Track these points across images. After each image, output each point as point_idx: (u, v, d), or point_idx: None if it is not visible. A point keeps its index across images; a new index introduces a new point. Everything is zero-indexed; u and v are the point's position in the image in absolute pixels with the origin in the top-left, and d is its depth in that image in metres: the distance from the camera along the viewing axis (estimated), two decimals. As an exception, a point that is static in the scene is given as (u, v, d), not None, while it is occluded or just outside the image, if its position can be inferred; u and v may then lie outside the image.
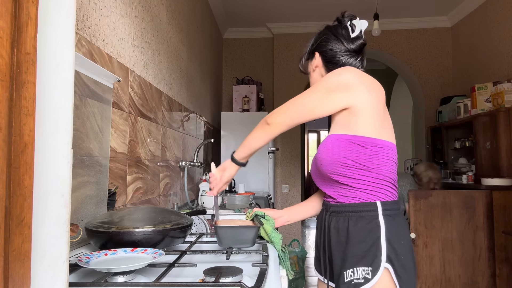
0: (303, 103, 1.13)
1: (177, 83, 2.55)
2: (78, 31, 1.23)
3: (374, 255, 1.04)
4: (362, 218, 1.09)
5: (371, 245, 1.05)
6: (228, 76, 4.92)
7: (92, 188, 1.21)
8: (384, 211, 1.09)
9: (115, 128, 1.50)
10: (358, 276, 1.04)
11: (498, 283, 2.92)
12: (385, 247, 1.05)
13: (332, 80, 1.11)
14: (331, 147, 1.12)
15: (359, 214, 1.10)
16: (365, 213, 1.09)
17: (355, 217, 1.10)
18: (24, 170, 0.41)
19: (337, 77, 1.11)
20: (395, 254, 1.05)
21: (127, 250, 0.96)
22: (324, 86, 1.11)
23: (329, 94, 1.10)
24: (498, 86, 3.30)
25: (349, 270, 1.06)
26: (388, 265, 1.03)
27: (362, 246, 1.06)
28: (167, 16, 2.31)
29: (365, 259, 1.05)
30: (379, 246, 1.05)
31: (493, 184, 3.05)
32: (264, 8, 4.32)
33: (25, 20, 0.41)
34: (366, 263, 1.04)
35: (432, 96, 4.69)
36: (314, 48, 1.29)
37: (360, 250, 1.06)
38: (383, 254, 1.04)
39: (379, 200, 1.10)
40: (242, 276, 0.85)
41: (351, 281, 1.05)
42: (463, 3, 4.22)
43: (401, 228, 1.10)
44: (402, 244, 1.07)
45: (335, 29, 1.28)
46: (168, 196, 2.27)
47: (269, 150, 3.87)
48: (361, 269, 1.04)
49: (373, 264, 1.04)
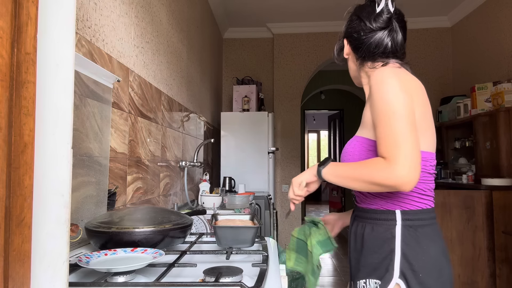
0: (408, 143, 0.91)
1: (177, 83, 2.55)
2: (78, 31, 1.23)
3: (386, 269, 0.97)
4: (378, 227, 1.01)
5: (384, 257, 0.98)
6: (228, 76, 4.92)
7: (92, 188, 1.21)
8: (405, 221, 0.99)
9: (115, 128, 1.50)
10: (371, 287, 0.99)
11: (498, 283, 2.92)
12: (399, 261, 0.96)
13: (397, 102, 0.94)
14: (353, 149, 1.08)
15: (375, 222, 1.02)
16: (382, 222, 1.01)
17: (372, 224, 1.03)
18: (24, 170, 0.41)
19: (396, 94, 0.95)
20: (411, 270, 0.94)
21: (127, 250, 0.96)
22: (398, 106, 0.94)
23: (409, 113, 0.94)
24: (498, 86, 3.30)
25: (361, 281, 1.01)
26: (401, 281, 0.94)
27: (375, 257, 0.99)
28: (167, 16, 2.31)
29: (377, 272, 0.98)
30: (392, 259, 0.96)
31: (493, 184, 3.05)
32: (264, 8, 4.32)
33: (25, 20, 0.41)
34: (378, 276, 0.98)
35: (432, 96, 4.69)
36: (343, 36, 1.20)
37: (373, 261, 0.99)
38: (396, 269, 0.95)
39: (399, 209, 1.00)
40: (242, 276, 0.85)
41: None
42: (463, 3, 4.22)
43: (426, 240, 0.97)
44: (424, 260, 0.95)
45: (360, 9, 1.14)
46: (168, 196, 2.27)
47: (269, 150, 3.87)
48: (373, 282, 0.98)
49: (383, 278, 0.96)
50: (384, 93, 0.95)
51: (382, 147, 0.92)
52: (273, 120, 4.04)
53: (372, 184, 0.92)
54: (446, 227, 3.25)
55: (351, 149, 1.09)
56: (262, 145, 3.88)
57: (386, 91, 0.95)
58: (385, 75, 0.98)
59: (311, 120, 10.47)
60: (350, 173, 0.97)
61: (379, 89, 0.96)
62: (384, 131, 0.92)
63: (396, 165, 0.88)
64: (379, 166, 0.90)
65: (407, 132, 0.91)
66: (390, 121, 0.92)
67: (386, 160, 0.90)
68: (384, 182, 0.89)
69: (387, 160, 0.90)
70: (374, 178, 0.91)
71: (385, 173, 0.89)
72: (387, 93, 0.95)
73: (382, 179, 0.90)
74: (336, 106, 7.77)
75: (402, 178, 0.88)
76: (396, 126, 0.91)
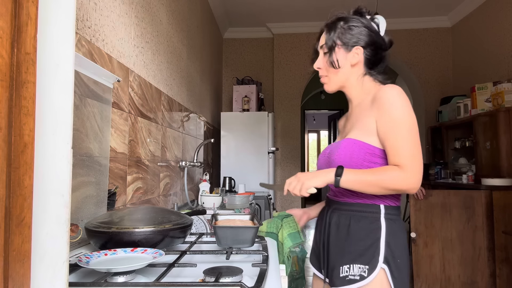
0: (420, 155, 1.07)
1: (177, 83, 2.55)
2: (78, 31, 1.23)
3: (372, 255, 1.08)
4: (364, 218, 1.13)
5: (370, 245, 1.09)
6: (228, 76, 4.92)
7: (92, 188, 1.21)
8: (386, 214, 1.13)
9: (115, 128, 1.50)
10: (354, 273, 1.08)
11: (498, 283, 2.92)
12: (384, 249, 1.08)
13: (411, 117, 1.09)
14: (351, 151, 1.13)
15: (361, 214, 1.13)
16: (368, 214, 1.13)
17: (358, 216, 1.14)
18: (24, 170, 0.41)
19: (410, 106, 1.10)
20: (392, 256, 1.08)
21: (127, 250, 0.96)
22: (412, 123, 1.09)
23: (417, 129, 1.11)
24: (498, 86, 3.30)
25: (345, 266, 1.10)
26: (384, 266, 1.07)
27: (361, 245, 1.10)
28: (167, 16, 2.31)
29: (363, 258, 1.08)
30: (378, 247, 1.09)
31: (493, 184, 3.05)
32: (264, 8, 4.32)
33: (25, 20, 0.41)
34: (363, 262, 1.08)
35: (432, 96, 4.69)
36: (354, 41, 1.18)
37: (359, 248, 1.09)
38: (381, 255, 1.08)
39: (383, 204, 1.13)
40: (242, 276, 0.85)
41: (346, 277, 1.09)
42: (463, 3, 4.22)
43: (399, 232, 1.13)
44: (400, 248, 1.11)
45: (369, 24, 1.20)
46: (168, 196, 2.27)
47: (269, 150, 3.87)
48: (357, 267, 1.08)
49: (370, 263, 1.07)
50: (401, 109, 1.07)
51: (399, 157, 1.05)
52: (273, 120, 4.04)
53: (387, 190, 1.05)
54: (446, 227, 3.23)
55: (344, 151, 1.14)
56: (262, 145, 3.88)
57: (402, 107, 1.08)
58: (400, 93, 1.09)
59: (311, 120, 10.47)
60: (368, 181, 1.05)
61: (396, 105, 1.08)
62: (403, 145, 1.05)
63: (412, 174, 1.03)
64: (396, 174, 1.03)
65: (419, 146, 1.07)
66: (408, 135, 1.06)
67: (401, 168, 1.04)
68: (399, 187, 1.04)
69: (403, 168, 1.03)
70: (391, 185, 1.04)
71: (402, 180, 1.03)
72: (404, 110, 1.07)
73: (398, 186, 1.03)
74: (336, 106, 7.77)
75: (414, 185, 1.03)
76: (413, 140, 1.06)
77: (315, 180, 1.08)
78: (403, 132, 1.06)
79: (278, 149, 4.06)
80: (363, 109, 1.19)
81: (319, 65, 1.24)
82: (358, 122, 1.17)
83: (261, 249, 1.12)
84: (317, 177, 1.09)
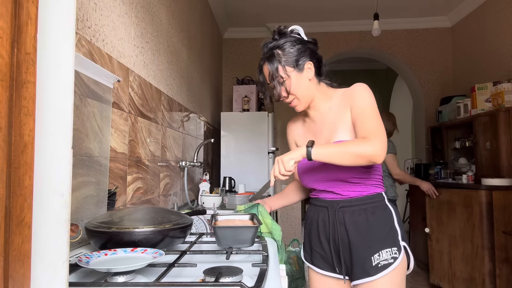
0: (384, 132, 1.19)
1: (177, 83, 2.55)
2: (78, 31, 1.23)
3: (393, 237, 1.22)
4: (377, 208, 1.25)
5: (390, 229, 1.23)
6: (228, 76, 4.92)
7: (92, 188, 1.21)
8: (388, 200, 1.29)
9: (115, 128, 1.50)
10: (385, 258, 1.19)
11: (498, 283, 2.92)
12: (399, 229, 1.24)
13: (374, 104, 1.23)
14: None
15: (373, 205, 1.25)
16: (378, 203, 1.25)
17: (371, 207, 1.24)
18: (24, 170, 0.41)
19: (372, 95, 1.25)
20: (404, 234, 1.25)
21: (127, 250, 0.96)
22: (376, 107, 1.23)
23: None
24: (498, 86, 3.30)
25: (375, 255, 1.19)
26: (403, 243, 1.23)
27: (382, 232, 1.22)
28: (167, 16, 2.31)
29: (387, 242, 1.21)
30: (395, 229, 1.24)
31: (493, 184, 3.05)
32: (264, 8, 4.32)
33: (25, 20, 0.41)
34: (389, 245, 1.20)
35: (432, 96, 4.69)
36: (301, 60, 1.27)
37: (382, 235, 1.21)
38: (399, 235, 1.23)
39: (382, 191, 1.29)
40: (242, 276, 0.85)
41: (378, 264, 1.18)
42: (463, 3, 4.22)
43: (398, 212, 1.31)
44: (402, 225, 1.28)
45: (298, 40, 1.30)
46: (168, 196, 2.27)
47: (269, 150, 3.87)
48: (385, 251, 1.19)
49: (396, 245, 1.21)
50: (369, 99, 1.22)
51: (365, 131, 1.17)
52: (273, 120, 4.04)
53: (356, 156, 1.12)
54: (452, 225, 3.33)
55: None
56: (262, 145, 3.87)
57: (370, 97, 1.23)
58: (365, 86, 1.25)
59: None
60: (337, 150, 1.14)
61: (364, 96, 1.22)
62: (368, 123, 1.18)
63: (375, 142, 1.13)
64: (361, 142, 1.14)
65: (381, 123, 1.20)
66: (373, 117, 1.19)
67: (367, 138, 1.15)
68: (365, 152, 1.12)
69: (367, 138, 1.15)
70: (358, 150, 1.12)
71: (367, 146, 1.12)
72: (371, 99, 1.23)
73: (364, 151, 1.12)
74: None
75: (378, 152, 1.12)
76: (377, 120, 1.19)
77: (291, 155, 1.16)
78: (370, 114, 1.20)
79: (278, 149, 4.05)
80: (337, 110, 1.29)
81: (283, 95, 1.29)
82: (340, 122, 1.27)
83: (261, 249, 1.12)
84: (292, 152, 1.16)
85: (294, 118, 1.50)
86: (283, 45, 1.27)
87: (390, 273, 1.18)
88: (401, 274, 1.21)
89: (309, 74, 1.28)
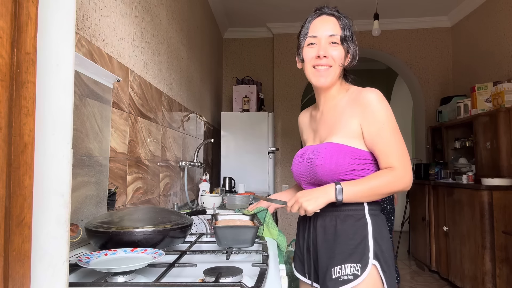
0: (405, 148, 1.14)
1: (177, 83, 2.55)
2: (78, 31, 1.23)
3: (362, 253, 1.09)
4: (349, 217, 1.13)
5: (359, 242, 1.10)
6: (228, 76, 4.92)
7: (92, 188, 1.21)
8: (370, 210, 1.14)
9: (115, 128, 1.50)
10: (346, 273, 1.08)
11: (498, 283, 2.92)
12: (372, 245, 1.10)
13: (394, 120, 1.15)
14: (335, 156, 1.13)
15: (346, 213, 1.14)
16: (353, 212, 1.13)
17: (343, 215, 1.14)
18: (24, 170, 0.41)
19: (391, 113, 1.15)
20: (381, 251, 1.10)
21: (127, 250, 0.96)
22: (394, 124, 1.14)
23: None
24: (498, 86, 3.30)
25: (336, 267, 1.09)
26: (375, 261, 1.08)
27: (350, 244, 1.10)
28: (167, 16, 2.31)
29: (353, 256, 1.09)
30: (366, 244, 1.10)
31: (493, 184, 3.05)
32: (264, 8, 4.32)
33: (25, 20, 0.41)
34: (355, 260, 1.08)
35: (432, 96, 4.69)
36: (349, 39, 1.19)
37: (348, 247, 1.10)
38: (371, 251, 1.09)
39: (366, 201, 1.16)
40: (242, 276, 0.85)
41: (339, 278, 1.08)
42: (463, 3, 4.22)
43: (383, 226, 1.16)
44: (386, 242, 1.13)
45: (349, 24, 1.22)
46: (168, 196, 2.27)
47: (269, 150, 3.87)
48: (349, 266, 1.08)
49: (361, 261, 1.08)
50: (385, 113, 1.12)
51: (390, 159, 1.10)
52: (273, 120, 4.04)
53: (386, 194, 1.09)
54: (461, 223, 3.39)
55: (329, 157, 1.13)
56: (262, 145, 3.87)
57: (386, 111, 1.12)
58: (382, 97, 1.13)
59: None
60: (367, 191, 1.09)
61: (380, 109, 1.11)
62: (391, 145, 1.10)
63: (405, 173, 1.08)
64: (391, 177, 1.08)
65: (405, 145, 1.13)
66: (394, 137, 1.11)
67: (394, 170, 1.08)
68: (397, 189, 1.08)
69: (396, 169, 1.08)
70: (389, 188, 1.08)
71: (398, 181, 1.08)
72: (387, 113, 1.12)
73: (396, 187, 1.08)
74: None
75: (408, 183, 1.09)
76: (399, 140, 1.11)
77: (318, 200, 1.09)
78: (390, 135, 1.10)
79: (278, 149, 4.05)
80: (340, 111, 1.19)
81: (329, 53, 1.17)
82: (338, 125, 1.17)
83: (261, 249, 1.12)
84: (317, 200, 1.09)
85: (304, 110, 1.44)
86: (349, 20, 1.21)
87: None
88: None
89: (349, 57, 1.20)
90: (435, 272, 3.96)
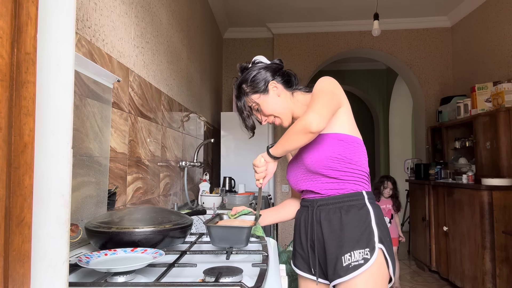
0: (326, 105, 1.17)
1: (177, 83, 2.55)
2: (78, 31, 1.23)
3: (368, 238, 1.16)
4: (352, 207, 1.20)
5: (365, 229, 1.17)
6: (228, 76, 4.92)
7: (92, 188, 1.21)
8: (369, 199, 1.23)
9: (115, 128, 1.50)
10: (356, 259, 1.14)
11: (498, 283, 2.92)
12: (376, 230, 1.18)
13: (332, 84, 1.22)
14: (320, 144, 1.22)
15: (349, 203, 1.21)
16: (355, 202, 1.21)
17: (346, 206, 1.21)
18: (24, 170, 0.41)
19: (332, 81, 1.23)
20: (384, 236, 1.18)
21: (127, 250, 0.96)
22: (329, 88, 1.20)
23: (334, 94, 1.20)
24: (498, 86, 3.30)
25: (346, 255, 1.15)
26: (381, 245, 1.16)
27: (356, 231, 1.17)
28: (167, 16, 2.31)
29: (361, 242, 1.16)
30: (371, 229, 1.18)
31: (493, 184, 3.05)
32: (264, 8, 4.32)
33: (25, 20, 0.41)
34: (362, 246, 1.15)
35: (432, 96, 4.69)
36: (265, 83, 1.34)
37: (355, 235, 1.17)
38: (376, 236, 1.17)
39: (364, 190, 1.24)
40: (242, 276, 0.85)
41: (349, 265, 1.14)
42: (463, 3, 4.22)
43: (381, 214, 1.25)
44: (386, 227, 1.22)
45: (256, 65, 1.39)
46: (168, 196, 2.27)
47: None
48: (358, 252, 1.14)
49: (369, 245, 1.15)
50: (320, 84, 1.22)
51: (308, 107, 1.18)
52: (273, 120, 4.03)
53: (299, 134, 1.14)
54: (460, 223, 3.38)
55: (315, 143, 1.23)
56: (262, 145, 3.87)
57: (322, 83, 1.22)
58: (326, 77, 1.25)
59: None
60: (286, 137, 1.17)
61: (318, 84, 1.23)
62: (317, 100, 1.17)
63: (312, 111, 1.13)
64: (299, 120, 1.14)
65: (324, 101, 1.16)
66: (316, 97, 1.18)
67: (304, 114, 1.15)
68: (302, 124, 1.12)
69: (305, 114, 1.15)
70: (301, 125, 1.13)
71: (302, 121, 1.13)
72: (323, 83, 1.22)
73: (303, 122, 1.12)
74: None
75: (309, 120, 1.11)
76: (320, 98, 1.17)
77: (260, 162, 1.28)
78: (314, 96, 1.19)
79: (278, 149, 4.05)
80: None
81: (262, 119, 1.41)
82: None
83: (261, 249, 1.12)
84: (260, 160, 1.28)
85: None
86: (246, 78, 1.34)
87: (362, 274, 1.12)
88: (377, 277, 1.14)
89: (276, 91, 1.33)
90: (435, 272, 3.96)
